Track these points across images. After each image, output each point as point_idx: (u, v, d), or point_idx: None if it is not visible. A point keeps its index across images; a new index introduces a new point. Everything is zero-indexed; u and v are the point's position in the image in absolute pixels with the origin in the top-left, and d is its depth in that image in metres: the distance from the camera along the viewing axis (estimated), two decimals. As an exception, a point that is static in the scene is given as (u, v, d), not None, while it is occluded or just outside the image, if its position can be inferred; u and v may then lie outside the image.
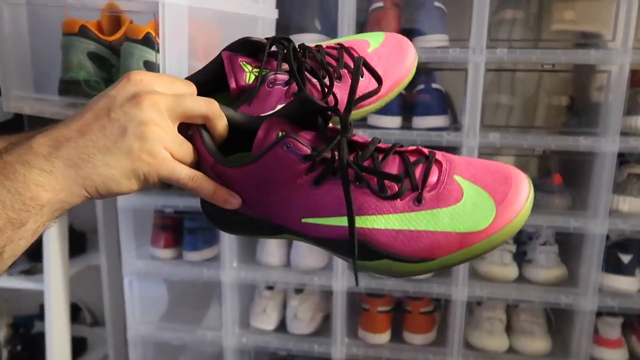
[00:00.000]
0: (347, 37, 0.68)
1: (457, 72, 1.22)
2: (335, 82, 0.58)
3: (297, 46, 0.58)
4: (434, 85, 1.22)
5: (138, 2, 0.71)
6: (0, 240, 0.37)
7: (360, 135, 0.44)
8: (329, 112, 0.44)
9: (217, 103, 0.45)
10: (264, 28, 0.95)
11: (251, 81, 0.54)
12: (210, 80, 0.54)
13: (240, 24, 0.88)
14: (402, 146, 0.45)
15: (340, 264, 1.30)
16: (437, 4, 1.21)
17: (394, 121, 1.23)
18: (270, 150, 0.41)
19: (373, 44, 0.66)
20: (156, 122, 0.41)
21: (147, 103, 0.41)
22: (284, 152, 0.41)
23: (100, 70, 0.74)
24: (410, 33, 1.20)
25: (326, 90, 0.57)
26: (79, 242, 1.60)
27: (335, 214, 0.42)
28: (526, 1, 1.25)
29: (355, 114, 0.62)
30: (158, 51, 0.70)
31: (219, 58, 0.55)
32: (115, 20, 0.77)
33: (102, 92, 0.43)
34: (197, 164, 0.45)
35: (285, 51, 0.56)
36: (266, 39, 0.56)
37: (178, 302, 1.63)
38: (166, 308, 1.60)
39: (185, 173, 0.43)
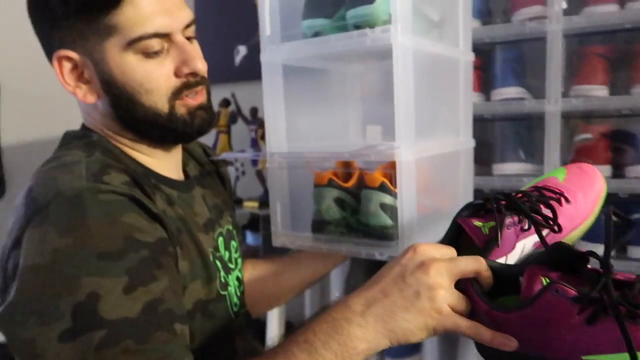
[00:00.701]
0: (534, 180, 0.76)
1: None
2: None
3: (505, 196, 0.67)
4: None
5: (375, 161, 0.88)
6: None
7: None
8: (586, 257, 0.49)
9: (483, 259, 0.54)
10: (465, 158, 1.07)
11: (487, 233, 0.64)
12: (453, 239, 0.66)
13: (444, 159, 1.01)
14: None
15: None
16: (651, 134, 1.17)
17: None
18: (541, 296, 0.47)
19: (560, 177, 0.75)
20: (441, 285, 0.52)
21: (433, 270, 0.53)
22: (553, 296, 0.47)
23: (342, 211, 0.91)
24: (621, 165, 1.20)
25: (551, 222, 0.66)
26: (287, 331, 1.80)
27: (616, 350, 0.45)
28: None
29: (566, 239, 0.69)
30: (391, 194, 0.85)
31: (455, 224, 0.67)
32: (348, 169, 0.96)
33: (394, 261, 0.57)
34: (470, 312, 0.53)
35: (504, 202, 0.66)
36: (486, 198, 0.68)
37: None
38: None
39: (464, 324, 0.52)
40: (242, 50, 2.00)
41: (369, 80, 1.14)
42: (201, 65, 0.68)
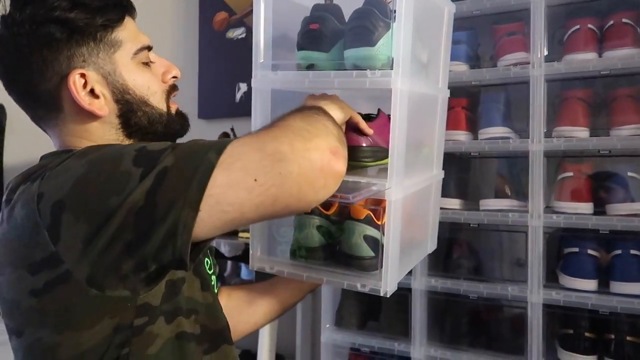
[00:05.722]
0: None
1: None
2: None
3: None
4: (632, 252, 1.19)
5: (363, 194, 0.87)
6: None
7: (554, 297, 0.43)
8: None
9: None
10: (435, 190, 1.11)
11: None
12: None
13: (421, 193, 1.03)
14: None
15: None
16: (631, 174, 1.22)
17: (589, 284, 1.21)
18: None
19: None
20: None
21: None
22: None
23: (323, 238, 0.92)
24: (603, 201, 1.23)
25: None
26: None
27: None
28: None
29: None
30: (375, 227, 0.86)
31: None
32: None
33: None
34: None
35: None
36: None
37: None
38: None
39: None
40: (242, 87, 2.11)
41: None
42: (178, 71, 0.81)
